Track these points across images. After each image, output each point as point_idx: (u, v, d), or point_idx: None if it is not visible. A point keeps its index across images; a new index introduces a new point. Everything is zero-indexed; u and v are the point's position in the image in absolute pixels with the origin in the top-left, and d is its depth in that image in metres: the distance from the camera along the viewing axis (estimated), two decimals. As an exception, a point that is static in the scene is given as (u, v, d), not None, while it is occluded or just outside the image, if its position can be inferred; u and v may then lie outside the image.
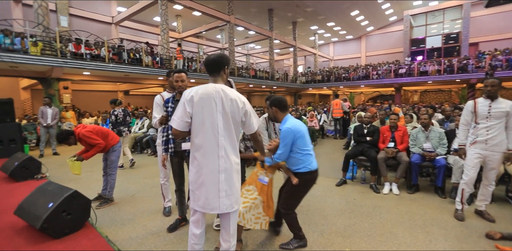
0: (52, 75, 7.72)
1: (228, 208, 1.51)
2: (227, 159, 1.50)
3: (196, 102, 1.46)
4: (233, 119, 1.51)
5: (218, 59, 1.57)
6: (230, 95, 1.51)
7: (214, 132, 1.48)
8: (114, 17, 14.82)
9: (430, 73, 15.79)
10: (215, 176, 1.48)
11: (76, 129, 2.98)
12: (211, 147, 1.48)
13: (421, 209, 3.00)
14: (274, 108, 2.13)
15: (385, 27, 24.85)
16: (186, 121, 1.49)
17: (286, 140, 2.03)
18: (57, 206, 2.20)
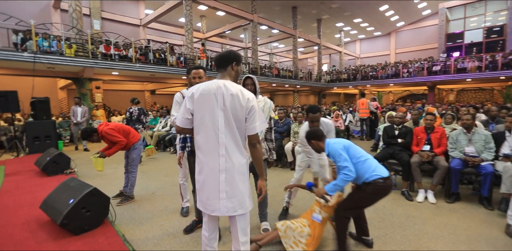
0: (84, 75, 8.15)
1: (229, 211, 1.41)
2: (228, 158, 1.41)
3: (196, 99, 1.42)
4: (234, 116, 1.41)
5: (226, 54, 1.51)
6: (231, 90, 1.41)
7: (215, 129, 1.41)
8: (142, 19, 15.41)
9: (469, 70, 14.49)
10: (216, 176, 1.41)
11: (99, 127, 3.03)
12: (212, 145, 1.41)
13: (464, 221, 2.65)
14: (314, 141, 2.14)
15: (418, 22, 23.34)
16: (187, 118, 1.45)
17: (341, 155, 1.96)
18: (77, 202, 2.21)
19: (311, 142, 2.15)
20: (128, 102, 5.81)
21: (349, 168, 1.91)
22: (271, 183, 3.94)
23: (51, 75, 8.05)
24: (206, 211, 1.46)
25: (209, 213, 1.44)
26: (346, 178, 1.91)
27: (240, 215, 1.45)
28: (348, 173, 1.90)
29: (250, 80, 2.23)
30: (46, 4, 12.30)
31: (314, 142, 2.13)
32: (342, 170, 1.93)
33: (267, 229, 2.40)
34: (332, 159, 2.05)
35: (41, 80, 10.74)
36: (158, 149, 6.89)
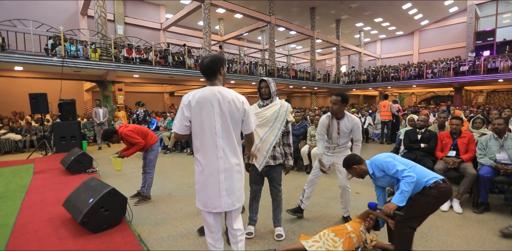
0: (107, 78, 8.53)
1: (229, 206, 1.56)
2: (226, 160, 1.53)
3: (193, 107, 1.50)
4: (232, 120, 1.54)
5: (211, 64, 1.56)
6: (228, 96, 1.53)
7: (212, 134, 1.51)
8: (162, 23, 15.90)
9: (501, 70, 13.57)
10: (216, 176, 1.52)
11: (119, 128, 3.14)
12: (210, 148, 1.52)
13: (494, 234, 2.45)
14: (356, 166, 2.02)
15: (443, 20, 22.26)
16: (185, 125, 1.53)
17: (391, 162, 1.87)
18: (96, 202, 2.29)
19: (353, 168, 2.03)
20: (148, 104, 6.05)
21: (407, 170, 1.80)
22: (286, 187, 3.88)
23: (78, 78, 8.49)
24: (207, 209, 1.56)
25: (210, 210, 1.55)
26: (410, 180, 1.77)
27: (236, 209, 1.61)
28: (408, 174, 1.78)
29: (265, 83, 2.26)
30: (75, 11, 13.03)
31: (356, 167, 2.01)
32: (400, 174, 1.80)
33: (281, 234, 2.36)
34: (381, 174, 1.92)
35: (68, 83, 11.37)
36: (175, 149, 7.04)
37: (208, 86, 1.57)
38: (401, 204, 1.77)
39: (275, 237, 2.36)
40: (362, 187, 3.89)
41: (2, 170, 4.76)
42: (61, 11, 12.56)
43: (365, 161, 2.03)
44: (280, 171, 2.40)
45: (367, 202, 2.06)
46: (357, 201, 3.34)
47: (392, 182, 1.94)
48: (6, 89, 10.99)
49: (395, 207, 1.78)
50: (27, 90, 10.19)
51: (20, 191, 3.60)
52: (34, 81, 10.79)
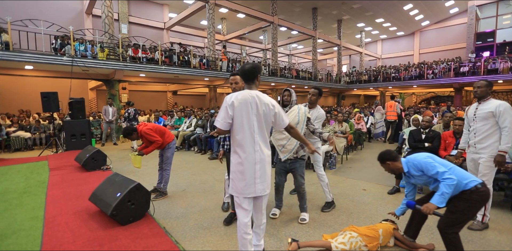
0: (114, 77, 8.65)
1: (261, 191, 1.80)
2: (261, 153, 1.79)
3: (236, 107, 1.74)
4: (265, 120, 1.81)
5: (252, 70, 1.83)
6: (264, 100, 1.80)
7: (251, 131, 1.77)
8: (166, 22, 16.00)
9: (501, 71, 13.76)
10: (252, 167, 1.77)
11: (138, 127, 3.29)
12: (249, 143, 1.77)
13: (495, 228, 2.62)
14: (390, 162, 2.06)
15: (444, 21, 22.42)
16: (228, 122, 1.76)
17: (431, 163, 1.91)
18: (124, 196, 2.45)
19: (386, 164, 2.07)
20: (151, 102, 6.24)
21: (448, 172, 1.83)
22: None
23: (85, 77, 8.62)
24: (242, 195, 1.77)
25: (245, 196, 1.77)
26: (450, 182, 1.80)
27: (266, 194, 1.86)
28: (449, 176, 1.81)
29: (288, 92, 2.82)
30: (80, 10, 13.12)
31: (390, 163, 2.05)
32: (441, 176, 1.84)
33: (304, 219, 2.74)
34: (418, 173, 1.96)
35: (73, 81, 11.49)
36: (182, 148, 7.19)
37: (246, 90, 1.82)
38: (441, 205, 1.82)
39: (299, 220, 2.74)
40: (368, 184, 4.06)
41: (19, 167, 4.90)
42: (66, 10, 12.65)
43: (400, 158, 2.07)
44: (303, 164, 2.79)
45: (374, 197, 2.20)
46: (364, 197, 3.51)
47: (428, 181, 1.99)
48: (13, 88, 11.11)
49: (435, 208, 1.83)
50: (34, 89, 10.35)
51: (41, 186, 3.75)
52: (41, 80, 10.91)
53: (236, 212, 1.86)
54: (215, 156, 5.92)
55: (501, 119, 2.43)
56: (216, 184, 4.09)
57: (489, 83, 2.59)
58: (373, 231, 2.11)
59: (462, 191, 1.88)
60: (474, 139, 2.61)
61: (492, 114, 2.48)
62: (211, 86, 13.14)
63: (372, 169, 4.97)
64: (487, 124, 2.52)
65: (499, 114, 2.43)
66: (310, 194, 3.62)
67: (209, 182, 4.18)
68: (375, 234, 2.10)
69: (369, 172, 4.77)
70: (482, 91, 2.59)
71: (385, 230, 2.15)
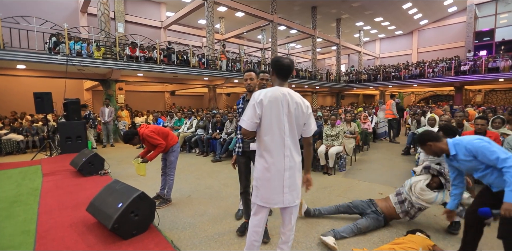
0: (111, 77, 8.34)
1: (290, 202, 1.61)
2: (291, 158, 1.59)
3: (265, 105, 1.54)
4: (296, 121, 1.60)
5: (292, 66, 1.65)
6: (296, 98, 1.60)
7: (281, 133, 1.57)
8: (163, 21, 15.68)
9: (502, 70, 13.69)
10: (281, 174, 1.57)
11: (139, 129, 3.03)
12: (278, 147, 1.57)
13: None
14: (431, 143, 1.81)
15: (442, 20, 22.38)
16: (255, 122, 1.56)
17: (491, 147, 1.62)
18: (126, 206, 2.18)
19: (427, 145, 1.83)
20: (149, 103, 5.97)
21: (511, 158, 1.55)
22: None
23: (81, 77, 8.30)
24: (268, 205, 1.60)
25: (271, 206, 1.60)
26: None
27: (295, 205, 1.66)
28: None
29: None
30: (74, 8, 12.76)
31: (432, 144, 1.81)
32: (503, 163, 1.55)
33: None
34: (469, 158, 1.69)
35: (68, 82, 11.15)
36: (183, 150, 6.92)
37: (277, 87, 1.62)
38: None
39: None
40: (383, 187, 3.84)
41: (10, 172, 4.59)
42: (60, 8, 12.28)
43: (445, 140, 1.82)
44: None
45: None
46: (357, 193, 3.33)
47: (477, 168, 1.72)
48: (5, 88, 10.72)
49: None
50: (27, 89, 9.96)
51: (33, 194, 3.46)
52: (34, 80, 10.54)
53: (250, 219, 1.68)
54: (218, 158, 5.67)
55: None
56: (223, 189, 3.84)
57: None
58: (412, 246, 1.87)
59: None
60: None
61: None
62: (211, 86, 12.86)
63: (382, 171, 4.76)
64: None
65: None
66: (324, 199, 3.39)
67: (215, 187, 3.92)
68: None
69: (380, 174, 4.55)
70: None
71: (424, 247, 1.91)
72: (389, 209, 2.51)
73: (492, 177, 1.69)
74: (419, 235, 2.07)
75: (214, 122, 6.47)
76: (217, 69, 11.27)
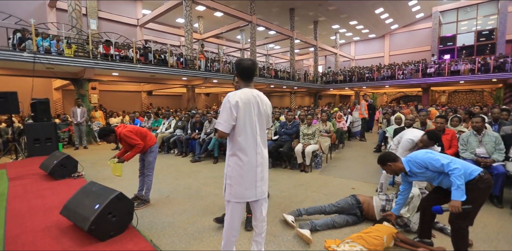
0: (84, 76, 7.98)
1: (262, 194, 1.74)
2: (262, 155, 1.72)
3: (240, 107, 1.62)
4: (266, 121, 1.78)
5: (253, 66, 1.71)
6: (265, 100, 1.77)
7: (253, 133, 1.68)
8: (139, 19, 15.22)
9: (463, 73, 14.87)
10: (254, 170, 1.68)
11: (117, 128, 2.98)
12: (251, 145, 1.67)
13: (479, 219, 2.71)
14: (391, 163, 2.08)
15: (411, 25, 23.82)
16: (231, 125, 1.63)
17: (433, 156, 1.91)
18: (104, 207, 2.17)
19: (388, 165, 2.08)
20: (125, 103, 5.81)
21: (452, 162, 1.82)
22: (284, 185, 3.95)
23: (51, 76, 7.86)
24: (242, 200, 1.69)
25: (245, 200, 1.70)
26: (459, 173, 1.78)
27: (265, 197, 1.79)
28: (455, 166, 1.79)
29: None
30: (41, 3, 12.01)
31: (391, 164, 2.06)
32: (447, 167, 1.81)
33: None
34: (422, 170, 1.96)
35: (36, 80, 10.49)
36: (162, 150, 6.81)
37: (247, 89, 1.71)
38: (463, 199, 1.76)
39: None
40: (356, 183, 4.07)
41: (-29, 177, 4.28)
42: (24, 2, 11.50)
43: (400, 159, 2.07)
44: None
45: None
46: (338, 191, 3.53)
47: (432, 177, 1.98)
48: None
49: (460, 203, 1.76)
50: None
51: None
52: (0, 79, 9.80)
53: (227, 216, 1.74)
54: (197, 158, 5.67)
55: None
56: (202, 188, 3.87)
57: None
58: (378, 242, 2.02)
59: (467, 182, 1.84)
60: None
61: None
62: (189, 86, 12.71)
63: (356, 167, 5.03)
64: None
65: None
66: (301, 195, 3.54)
67: (194, 187, 3.94)
68: (380, 243, 2.03)
69: (354, 171, 4.82)
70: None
71: (388, 235, 2.10)
72: (369, 210, 2.66)
73: (447, 180, 1.93)
74: (386, 224, 2.26)
75: (193, 122, 6.44)
76: (196, 69, 11.17)
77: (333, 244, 2.05)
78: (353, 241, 1.99)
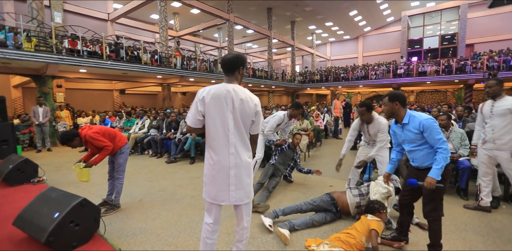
0: (47, 72, 7.36)
1: (237, 200, 1.60)
2: (238, 156, 1.57)
3: (207, 102, 1.54)
4: (242, 118, 1.57)
5: (233, 59, 1.61)
6: (241, 95, 1.57)
7: (225, 130, 1.55)
8: (110, 14, 14.41)
9: (429, 74, 15.84)
10: (226, 171, 1.56)
11: (81, 130, 2.73)
12: (222, 144, 1.56)
13: (448, 212, 2.85)
14: (397, 104, 1.95)
15: (383, 28, 24.95)
16: (198, 119, 1.58)
17: (439, 131, 1.84)
18: (64, 216, 1.96)
19: (394, 104, 1.95)
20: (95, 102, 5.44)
21: (446, 141, 1.82)
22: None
23: (7, 71, 7.15)
24: (215, 201, 1.60)
25: (218, 203, 1.60)
26: (446, 155, 1.79)
27: (245, 203, 1.65)
28: (446, 147, 1.79)
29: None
30: (-4, -9, 10.93)
31: (398, 105, 1.94)
32: (441, 144, 1.80)
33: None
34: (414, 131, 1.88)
35: (-9, 77, 9.55)
36: (135, 152, 6.47)
37: (223, 83, 1.61)
38: (439, 178, 1.80)
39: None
40: (334, 180, 4.13)
41: None
42: (-24, -10, 10.40)
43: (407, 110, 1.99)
44: None
45: None
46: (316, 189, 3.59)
47: (414, 141, 1.93)
48: None
49: (436, 181, 1.79)
50: None
51: None
52: None
53: (205, 215, 1.68)
54: (173, 159, 5.45)
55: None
56: (177, 190, 3.70)
57: (499, 82, 2.72)
58: (355, 241, 1.98)
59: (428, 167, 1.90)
60: (493, 135, 2.72)
61: (509, 111, 2.61)
62: (165, 84, 12.26)
63: (334, 165, 5.02)
64: (505, 120, 2.64)
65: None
66: (279, 194, 3.50)
67: (169, 189, 3.76)
68: (357, 243, 1.98)
69: (332, 168, 4.82)
70: (494, 90, 2.70)
71: (367, 235, 2.02)
72: (343, 206, 2.66)
73: (420, 153, 1.95)
74: (370, 218, 2.15)
75: (169, 121, 6.19)
76: (171, 67, 10.80)
77: (314, 243, 2.02)
78: (332, 242, 1.97)
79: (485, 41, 19.60)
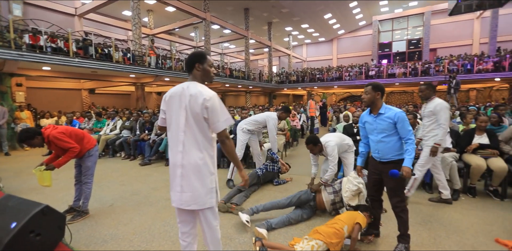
0: (4, 69, 6.75)
1: (183, 204, 1.51)
2: (186, 155, 1.50)
3: (167, 101, 1.58)
4: (193, 115, 1.49)
5: (189, 57, 1.62)
6: (191, 91, 1.50)
7: (177, 128, 1.53)
8: (77, 8, 13.55)
9: (397, 76, 16.79)
10: (175, 170, 1.53)
11: (45, 130, 2.52)
12: (174, 142, 1.55)
13: (415, 206, 3.04)
14: (379, 93, 2.08)
15: (355, 31, 26.02)
16: (161, 118, 1.64)
17: (408, 122, 2.02)
18: (23, 226, 1.79)
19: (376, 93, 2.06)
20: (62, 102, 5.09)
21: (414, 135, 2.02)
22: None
23: (-44, 68, 6.46)
24: (171, 201, 1.59)
25: (171, 203, 1.58)
26: (413, 145, 1.99)
27: (200, 210, 1.52)
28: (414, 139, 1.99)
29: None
30: None
31: (378, 95, 2.07)
32: (410, 136, 1.98)
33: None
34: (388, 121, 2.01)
35: None
36: (106, 154, 6.15)
37: (185, 82, 1.62)
38: (411, 167, 1.96)
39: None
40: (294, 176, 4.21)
41: None
42: None
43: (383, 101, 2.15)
44: None
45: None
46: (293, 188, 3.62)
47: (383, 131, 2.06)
48: None
49: (410, 170, 1.94)
50: None
51: None
52: None
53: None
54: (147, 161, 5.26)
55: (437, 116, 2.87)
56: (152, 193, 3.57)
57: (428, 86, 2.99)
58: (334, 230, 2.00)
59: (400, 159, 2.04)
60: (422, 132, 3.11)
61: (432, 113, 2.92)
62: (138, 84, 11.79)
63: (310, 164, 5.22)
64: (430, 121, 2.97)
65: (436, 113, 2.87)
66: (258, 194, 3.50)
67: (143, 192, 3.62)
68: (336, 232, 2.00)
69: (309, 167, 4.95)
70: (425, 94, 3.01)
71: (350, 225, 2.07)
72: (320, 202, 2.72)
73: (386, 145, 2.06)
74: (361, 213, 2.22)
75: (142, 122, 5.96)
76: (145, 66, 10.41)
77: (296, 242, 2.04)
78: (310, 236, 2.00)
79: (447, 46, 21.20)
